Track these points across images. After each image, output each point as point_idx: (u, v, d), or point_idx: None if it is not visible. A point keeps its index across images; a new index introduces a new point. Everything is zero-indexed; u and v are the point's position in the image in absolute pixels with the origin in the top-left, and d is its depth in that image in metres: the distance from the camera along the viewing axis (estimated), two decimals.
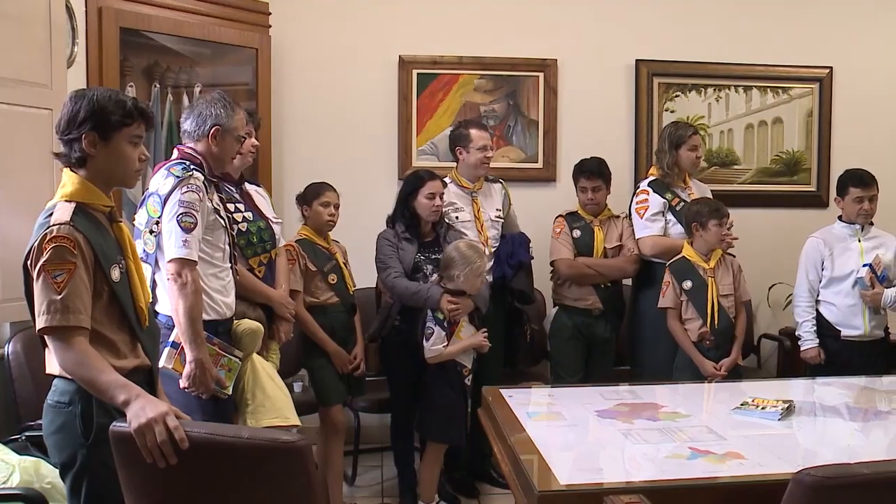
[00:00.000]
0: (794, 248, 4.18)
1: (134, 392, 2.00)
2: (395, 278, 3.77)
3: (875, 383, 3.44)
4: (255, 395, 3.09)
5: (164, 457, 1.91)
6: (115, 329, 2.17)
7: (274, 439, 2.01)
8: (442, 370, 3.65)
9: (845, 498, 1.70)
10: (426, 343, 3.62)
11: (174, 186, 2.71)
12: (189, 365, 2.68)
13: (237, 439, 1.97)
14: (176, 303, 2.66)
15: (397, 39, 4.80)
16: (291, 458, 1.94)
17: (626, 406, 2.89)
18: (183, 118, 2.95)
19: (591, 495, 2.05)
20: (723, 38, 5.10)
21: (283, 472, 1.94)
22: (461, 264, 3.60)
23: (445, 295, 3.63)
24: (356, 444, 4.41)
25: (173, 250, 2.67)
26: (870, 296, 3.88)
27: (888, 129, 5.35)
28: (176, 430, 1.91)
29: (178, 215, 2.68)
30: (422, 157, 4.82)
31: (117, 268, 2.17)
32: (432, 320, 3.61)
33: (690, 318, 3.82)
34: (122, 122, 2.16)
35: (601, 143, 4.53)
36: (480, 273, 3.67)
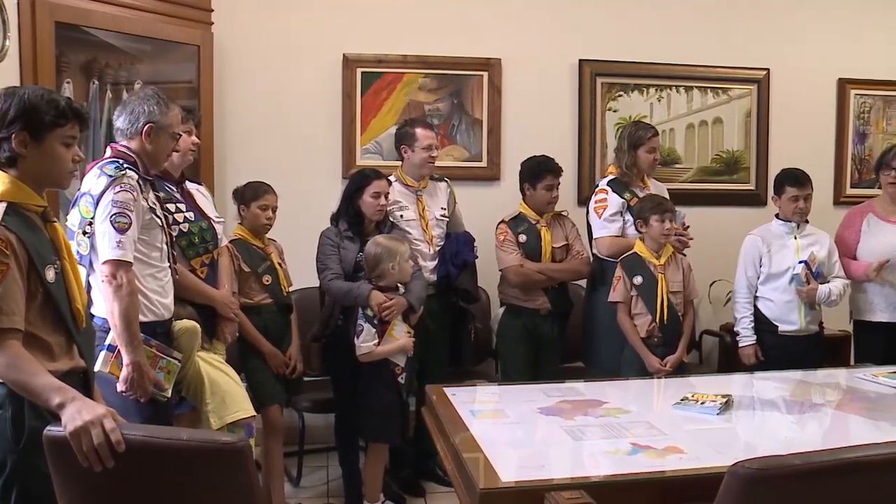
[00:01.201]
0: (734, 246, 4.24)
1: (69, 395, 1.95)
2: (330, 280, 3.76)
3: (810, 377, 3.51)
4: (213, 394, 3.06)
5: (101, 460, 1.87)
6: (49, 331, 2.11)
7: (213, 440, 1.98)
8: (376, 370, 3.63)
9: (779, 488, 1.73)
10: (357, 340, 3.58)
11: (107, 186, 2.66)
12: (126, 368, 2.64)
13: (175, 441, 1.94)
14: (111, 305, 2.61)
15: (341, 38, 4.77)
16: (231, 459, 1.91)
17: (568, 403, 2.90)
18: (115, 116, 2.89)
19: (533, 492, 2.06)
20: (665, 39, 5.17)
21: (222, 473, 1.92)
22: (388, 257, 3.60)
23: (374, 290, 3.61)
24: (301, 445, 4.38)
25: (107, 251, 2.62)
26: (805, 292, 3.96)
27: (822, 130, 5.50)
28: (112, 433, 1.87)
29: (111, 216, 2.63)
30: (366, 156, 4.80)
31: (52, 268, 2.11)
32: (362, 317, 3.59)
33: (640, 313, 3.87)
34: (55, 123, 2.10)
35: (545, 142, 4.55)
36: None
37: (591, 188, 4.42)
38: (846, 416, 2.96)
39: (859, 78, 5.50)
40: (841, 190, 5.52)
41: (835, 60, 5.46)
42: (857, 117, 5.54)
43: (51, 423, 1.94)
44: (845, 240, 4.29)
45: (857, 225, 4.29)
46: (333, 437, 4.08)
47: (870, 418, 2.85)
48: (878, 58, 5.52)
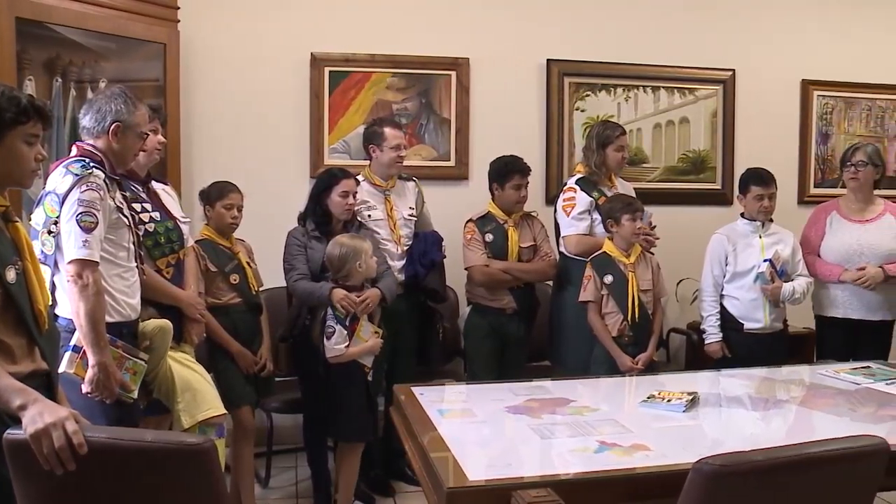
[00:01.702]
0: (700, 245, 4.28)
1: (31, 397, 1.92)
2: (296, 281, 3.75)
3: (775, 374, 3.55)
4: (183, 392, 3.04)
5: (63, 463, 1.85)
6: (10, 333, 2.08)
7: (178, 442, 1.97)
8: (345, 370, 3.59)
9: (742, 484, 1.75)
10: (328, 342, 3.55)
11: (73, 185, 2.62)
12: (92, 369, 2.61)
13: (140, 443, 1.92)
14: (77, 305, 2.58)
15: (309, 36, 4.76)
16: (197, 461, 1.90)
17: (536, 402, 2.91)
18: (81, 114, 2.85)
19: (500, 491, 2.06)
20: (632, 39, 5.21)
21: (188, 475, 1.90)
22: (354, 256, 3.57)
23: (336, 289, 3.59)
24: (269, 446, 4.36)
25: (73, 251, 2.59)
26: (770, 290, 4.01)
27: (786, 130, 5.57)
28: (75, 435, 1.84)
29: (77, 215, 2.60)
30: (333, 156, 4.78)
31: (13, 269, 2.08)
32: (333, 318, 3.55)
33: (610, 312, 3.88)
34: (17, 121, 2.07)
35: (513, 142, 4.57)
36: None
37: (559, 187, 4.43)
38: (809, 411, 3.00)
39: (822, 79, 5.59)
40: (805, 189, 5.60)
41: (798, 62, 5.54)
42: (820, 118, 5.62)
43: (11, 426, 1.91)
44: (810, 238, 4.36)
45: (822, 223, 4.35)
46: (302, 437, 4.05)
47: (832, 414, 2.88)
48: (841, 60, 5.60)
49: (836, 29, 5.60)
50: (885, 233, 4.23)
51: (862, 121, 5.71)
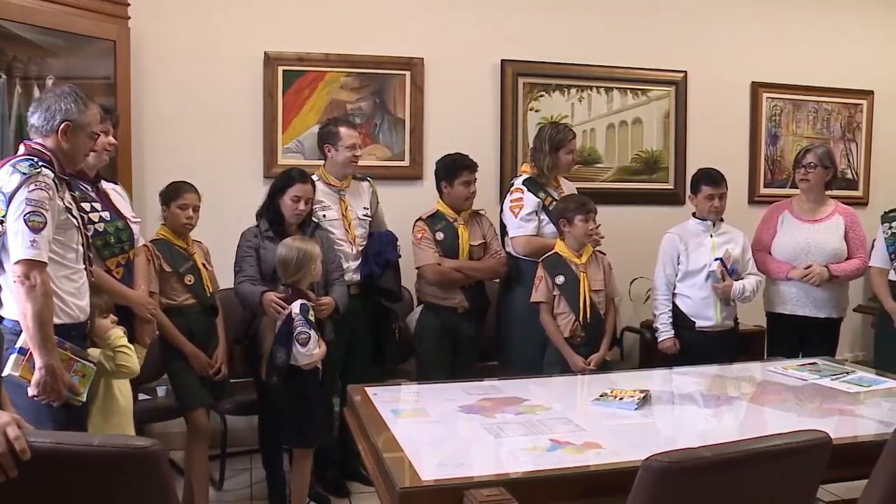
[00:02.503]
0: (653, 244, 4.31)
1: None
2: (239, 283, 3.73)
3: (726, 371, 3.60)
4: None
5: (4, 471, 1.80)
6: None
7: (126, 445, 1.92)
8: (303, 373, 3.51)
9: (691, 480, 1.77)
10: (302, 349, 3.44)
11: (20, 184, 2.57)
12: (39, 372, 2.56)
13: (87, 447, 1.87)
14: (24, 306, 2.53)
15: (263, 35, 4.72)
16: (146, 465, 1.86)
17: (489, 401, 2.91)
18: (30, 112, 2.78)
19: (453, 490, 2.06)
20: (586, 40, 5.25)
21: (138, 480, 1.87)
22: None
23: (268, 293, 3.56)
24: (223, 448, 4.32)
25: (20, 251, 2.53)
26: (721, 288, 4.06)
27: (737, 132, 5.66)
28: (16, 441, 1.79)
29: (25, 214, 2.54)
30: (287, 156, 4.75)
31: None
32: (305, 323, 3.46)
33: (562, 312, 3.88)
34: None
35: (467, 142, 4.57)
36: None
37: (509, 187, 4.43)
38: (759, 408, 3.04)
39: (771, 82, 5.69)
40: (755, 189, 5.69)
41: (748, 65, 5.64)
42: (769, 120, 5.72)
43: None
44: (762, 236, 4.44)
45: (774, 221, 4.43)
46: (257, 439, 4.03)
47: (781, 410, 2.94)
48: (789, 63, 5.72)
49: (785, 33, 5.71)
50: (833, 233, 4.33)
51: (809, 122, 5.82)
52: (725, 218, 4.25)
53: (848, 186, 5.90)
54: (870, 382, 3.27)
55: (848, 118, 5.92)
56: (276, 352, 3.46)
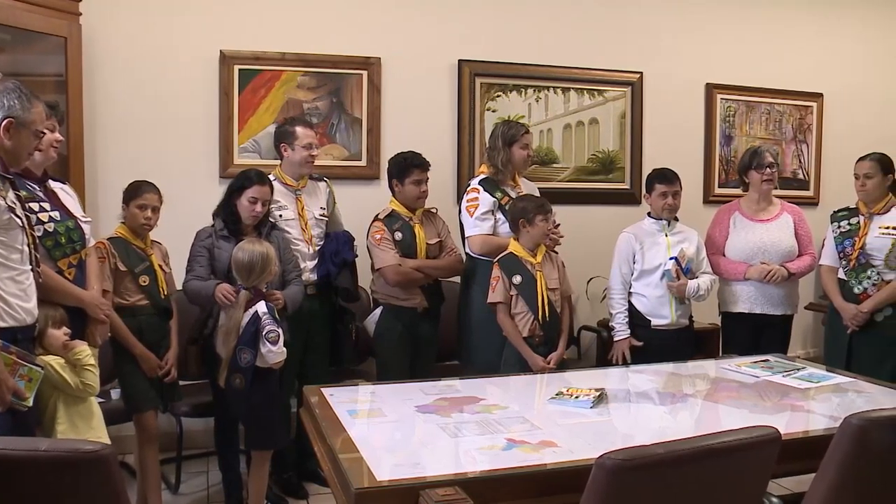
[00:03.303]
0: (610, 244, 4.34)
1: None
2: (188, 281, 3.71)
3: (681, 369, 3.64)
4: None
5: None
6: None
7: (75, 450, 1.90)
8: (260, 373, 3.47)
9: (644, 478, 1.78)
10: (273, 347, 3.40)
11: None
12: None
13: (34, 452, 1.84)
14: None
15: (218, 33, 4.67)
16: (95, 469, 1.84)
17: (446, 401, 2.91)
18: None
19: (408, 490, 2.06)
20: (543, 41, 5.28)
21: (87, 484, 1.84)
22: (269, 261, 3.48)
23: (222, 284, 3.55)
24: (179, 451, 4.26)
25: None
26: (676, 287, 4.11)
27: (692, 132, 5.73)
28: None
29: None
30: (243, 155, 4.71)
31: None
32: (273, 321, 3.43)
33: (520, 312, 3.87)
34: None
35: (424, 142, 4.57)
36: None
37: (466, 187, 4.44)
38: (714, 405, 3.07)
39: (725, 83, 5.77)
40: (710, 189, 5.77)
41: (703, 66, 5.71)
42: (723, 120, 5.80)
43: None
44: (714, 238, 4.49)
45: (725, 223, 4.49)
46: (213, 441, 3.99)
47: (734, 406, 2.97)
48: (743, 65, 5.81)
49: (739, 35, 5.80)
50: (785, 231, 4.42)
51: (762, 124, 5.92)
52: (680, 217, 4.30)
53: (799, 187, 6.02)
54: (819, 378, 3.33)
55: (799, 120, 6.03)
56: (241, 353, 3.41)
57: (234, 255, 3.51)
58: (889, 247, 4.05)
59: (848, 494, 2.04)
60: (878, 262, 4.07)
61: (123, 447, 4.23)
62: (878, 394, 3.14)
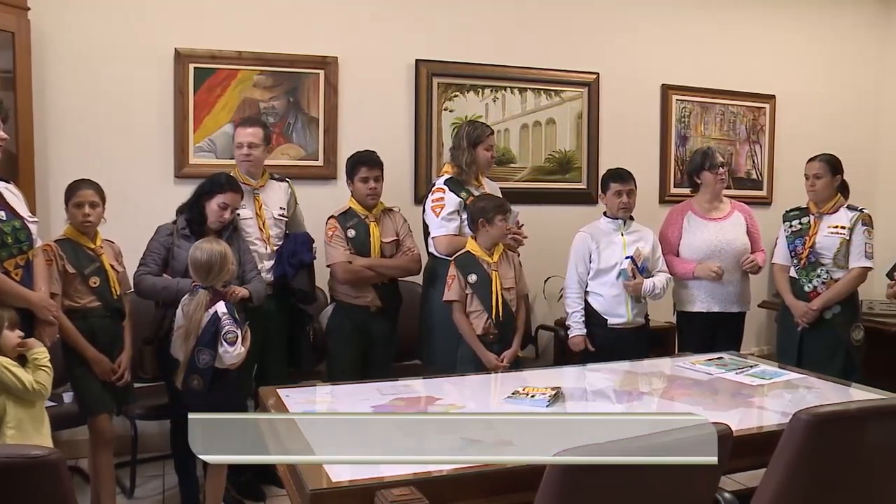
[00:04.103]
0: (567, 243, 4.35)
1: None
2: (142, 275, 3.67)
3: (637, 367, 3.67)
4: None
5: None
6: None
7: (22, 455, 1.86)
8: (219, 374, 3.44)
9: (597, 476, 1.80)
10: (230, 348, 3.36)
11: None
12: None
13: None
14: None
15: (173, 31, 4.61)
16: (44, 474, 1.81)
17: (402, 401, 2.91)
18: None
19: (364, 491, 2.05)
20: (500, 41, 5.29)
21: (35, 490, 1.81)
22: (226, 260, 3.44)
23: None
24: (133, 454, 4.19)
25: None
26: (632, 286, 4.14)
27: (648, 132, 5.78)
28: None
29: None
30: (199, 155, 4.66)
31: None
32: (233, 322, 3.39)
33: (476, 311, 3.88)
34: None
35: (381, 141, 4.56)
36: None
37: (428, 187, 4.44)
38: (670, 402, 3.10)
39: (680, 85, 5.84)
40: (665, 189, 5.83)
41: (659, 67, 5.78)
42: (678, 121, 5.87)
43: None
44: (668, 238, 4.53)
45: (679, 223, 4.54)
46: (169, 444, 3.95)
47: (689, 403, 3.00)
48: (697, 67, 5.89)
49: (694, 37, 5.88)
50: (738, 229, 4.49)
51: (717, 124, 6.00)
52: (636, 217, 4.33)
53: (753, 187, 6.11)
54: (771, 375, 3.39)
55: (753, 121, 6.12)
56: (200, 354, 3.37)
57: (191, 254, 3.47)
58: (837, 246, 4.13)
59: (797, 488, 2.07)
60: (828, 260, 4.15)
61: (77, 451, 4.19)
62: (828, 389, 3.21)
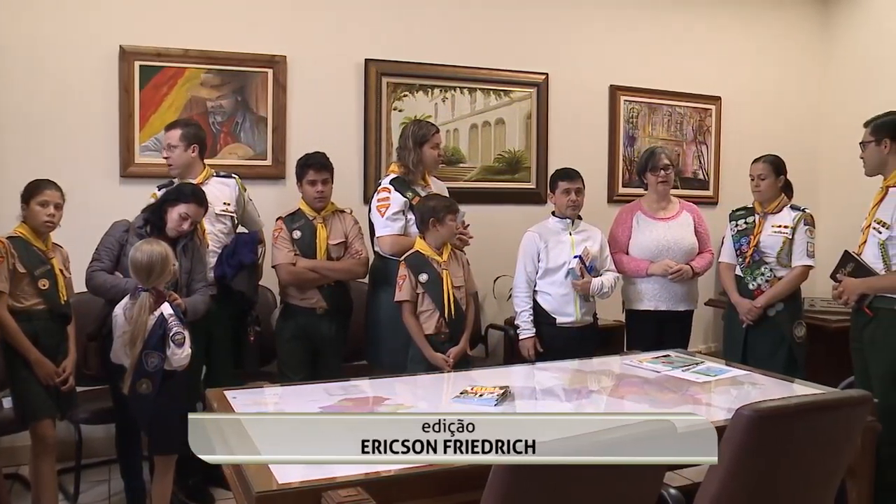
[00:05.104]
0: (517, 243, 4.37)
1: None
2: (94, 271, 3.61)
3: (586, 365, 3.70)
4: None
5: None
6: None
7: None
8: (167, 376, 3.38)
9: (542, 474, 1.81)
10: (178, 349, 3.32)
11: None
12: None
13: None
14: None
15: (118, 28, 4.52)
16: None
17: (350, 401, 2.90)
18: None
19: (310, 492, 2.04)
20: (449, 41, 5.30)
21: None
22: (168, 261, 3.38)
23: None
24: (77, 460, 4.10)
25: None
26: (580, 285, 4.17)
27: (596, 133, 5.84)
28: None
29: None
30: (145, 154, 4.59)
31: None
32: (180, 323, 3.35)
33: (427, 310, 3.87)
34: None
35: (330, 141, 4.54)
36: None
37: (377, 187, 4.42)
38: (618, 400, 3.12)
39: (628, 86, 5.90)
40: (614, 189, 5.88)
41: (607, 68, 5.83)
42: (626, 122, 5.93)
43: None
44: (617, 237, 4.58)
45: (628, 223, 4.59)
46: (114, 448, 3.88)
47: (637, 401, 3.04)
48: (645, 68, 5.96)
49: (642, 38, 5.94)
50: (686, 229, 4.56)
51: (664, 125, 6.07)
52: (585, 217, 4.37)
53: (700, 186, 6.20)
54: (716, 372, 3.44)
55: (699, 122, 6.21)
56: (149, 357, 3.30)
57: (131, 255, 3.40)
58: (780, 245, 4.20)
59: (740, 481, 2.10)
60: (771, 259, 4.22)
61: (17, 458, 4.10)
62: (771, 385, 3.26)
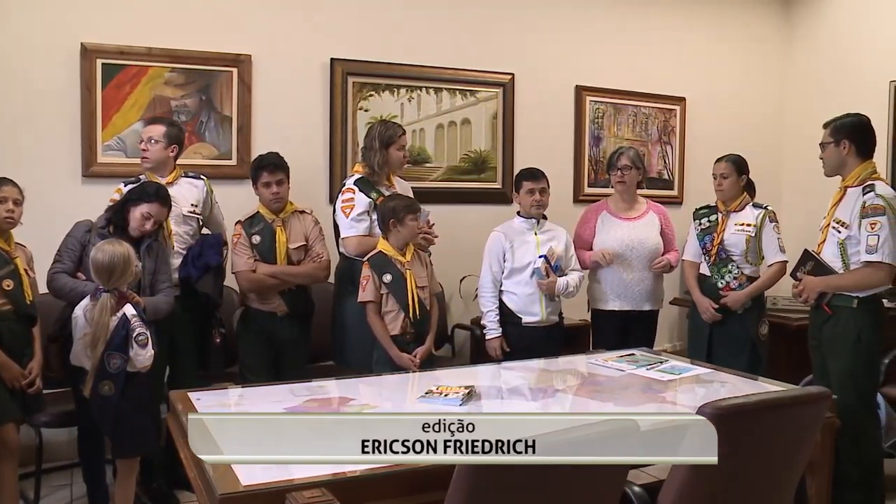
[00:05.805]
0: (482, 243, 4.38)
1: None
2: (55, 272, 3.57)
3: (552, 364, 3.72)
4: None
5: None
6: None
7: None
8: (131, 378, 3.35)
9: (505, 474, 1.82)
10: (142, 350, 3.30)
11: None
12: None
13: None
14: None
15: (79, 25, 4.46)
16: None
17: (315, 402, 2.89)
18: None
19: (274, 494, 2.04)
20: (415, 41, 5.30)
21: None
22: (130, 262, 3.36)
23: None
24: (38, 464, 4.03)
25: None
26: (545, 284, 4.19)
27: (562, 133, 5.87)
28: None
29: None
30: (108, 153, 4.53)
31: None
32: (143, 324, 3.32)
33: (391, 310, 3.85)
34: None
35: (295, 141, 4.52)
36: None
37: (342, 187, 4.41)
38: (583, 399, 3.13)
39: (594, 86, 5.94)
40: (580, 189, 5.92)
41: (573, 69, 5.87)
42: (592, 122, 5.96)
43: None
44: (582, 236, 4.62)
45: (592, 222, 4.63)
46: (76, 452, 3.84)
47: (602, 400, 3.05)
48: (611, 68, 6.00)
49: (608, 39, 5.99)
50: (651, 229, 4.60)
51: (629, 125, 6.12)
52: (550, 217, 4.39)
53: (665, 186, 6.26)
54: (681, 370, 3.47)
55: (664, 122, 6.27)
56: (111, 359, 3.27)
57: (92, 256, 3.37)
58: (744, 242, 4.26)
59: (703, 478, 2.13)
60: (738, 256, 4.28)
61: None
62: (737, 382, 3.30)
